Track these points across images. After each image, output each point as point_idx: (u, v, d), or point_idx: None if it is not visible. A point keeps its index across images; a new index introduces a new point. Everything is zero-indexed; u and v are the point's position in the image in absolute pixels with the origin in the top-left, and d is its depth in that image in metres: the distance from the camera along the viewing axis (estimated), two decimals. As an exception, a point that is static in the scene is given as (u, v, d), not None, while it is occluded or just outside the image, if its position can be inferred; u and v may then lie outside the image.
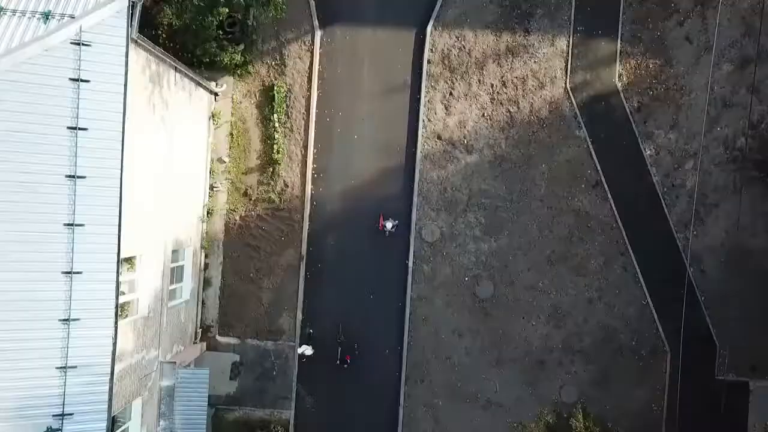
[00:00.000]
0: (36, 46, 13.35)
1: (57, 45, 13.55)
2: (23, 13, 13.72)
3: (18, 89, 13.26)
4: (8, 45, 13.28)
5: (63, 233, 13.68)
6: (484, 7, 21.92)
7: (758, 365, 21.98)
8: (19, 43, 13.33)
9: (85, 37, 13.76)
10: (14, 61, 13.18)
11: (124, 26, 14.22)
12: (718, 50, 21.79)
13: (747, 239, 21.94)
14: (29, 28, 13.60)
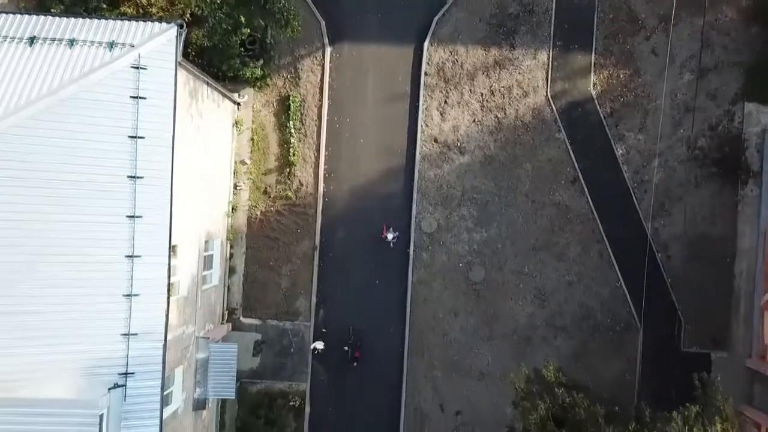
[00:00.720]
0: (104, 71, 16.22)
1: (120, 69, 16.41)
2: (92, 43, 16.61)
3: (89, 105, 16.11)
4: (81, 69, 16.16)
5: (126, 223, 16.50)
6: (474, 25, 24.86)
7: (718, 338, 24.91)
8: (90, 68, 16.20)
9: (143, 62, 16.64)
10: (87, 83, 16.04)
11: (173, 51, 17.10)
12: (680, 61, 24.77)
13: (707, 228, 24.88)
14: (98, 56, 16.48)
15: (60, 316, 15.77)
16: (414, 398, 25.04)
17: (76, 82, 16.02)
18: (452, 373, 24.95)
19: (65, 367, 15.77)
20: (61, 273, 15.80)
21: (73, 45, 16.67)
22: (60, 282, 15.76)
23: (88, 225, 16.21)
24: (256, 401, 24.98)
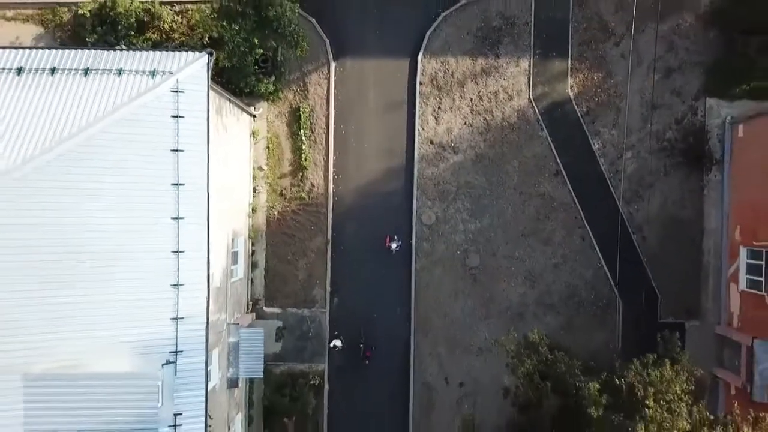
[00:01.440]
0: (148, 95, 19.16)
1: (162, 93, 19.35)
2: (137, 71, 19.54)
3: (137, 125, 19.04)
4: (130, 94, 19.09)
5: (171, 224, 19.41)
6: (462, 38, 27.80)
7: (690, 309, 27.84)
8: (137, 93, 19.15)
9: (181, 86, 19.56)
10: (134, 105, 18.98)
11: (205, 76, 20.01)
12: (647, 63, 27.70)
13: (677, 211, 27.84)
14: (143, 82, 19.42)
15: (121, 305, 18.67)
16: (421, 373, 27.95)
17: (126, 105, 18.99)
18: (454, 350, 27.88)
19: (126, 347, 18.69)
20: (119, 269, 18.73)
21: (121, 74, 19.62)
22: (119, 276, 18.68)
23: (141, 227, 19.13)
24: (280, 381, 27.87)
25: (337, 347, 27.27)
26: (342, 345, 27.28)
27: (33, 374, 17.74)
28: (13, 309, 17.54)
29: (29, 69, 19.64)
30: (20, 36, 28.09)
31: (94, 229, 18.34)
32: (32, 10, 28.06)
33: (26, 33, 28.08)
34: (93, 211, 18.46)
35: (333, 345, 27.30)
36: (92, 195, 18.49)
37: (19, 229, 17.60)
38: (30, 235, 17.71)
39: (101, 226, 18.43)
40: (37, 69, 19.66)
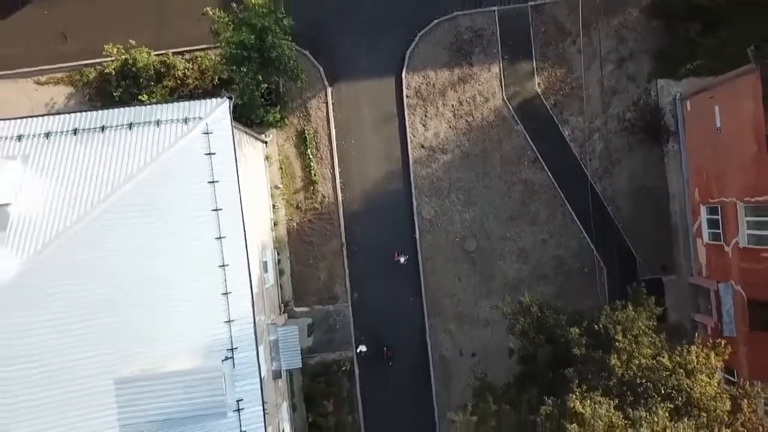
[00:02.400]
0: (184, 139, 23.05)
1: (195, 136, 23.24)
2: (172, 120, 23.44)
3: (178, 163, 22.90)
4: (169, 140, 23.01)
5: (216, 243, 23.32)
6: (438, 53, 31.71)
7: (666, 265, 31.75)
8: (175, 138, 23.06)
9: (209, 128, 23.46)
10: (174, 149, 22.87)
11: (228, 117, 23.91)
12: (602, 55, 31.61)
13: (643, 181, 31.73)
14: (178, 129, 23.31)
15: (185, 314, 22.58)
16: (437, 349, 31.85)
17: (168, 150, 22.92)
18: (464, 325, 31.79)
19: (194, 348, 22.60)
20: (180, 283, 22.66)
21: (159, 124, 23.53)
22: (181, 289, 22.59)
23: (192, 248, 23.00)
24: (315, 371, 31.76)
25: (363, 352, 31.16)
26: (367, 350, 31.18)
27: (122, 377, 21.70)
28: (102, 327, 21.50)
29: (83, 129, 23.58)
30: (54, 97, 32.04)
31: (159, 254, 22.26)
32: (62, 73, 31.98)
33: (59, 94, 32.02)
34: (154, 239, 22.38)
35: (359, 351, 31.22)
36: (152, 226, 22.41)
37: (103, 261, 21.56)
38: (113, 264, 21.68)
39: (164, 251, 22.35)
40: (90, 128, 23.59)
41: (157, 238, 22.66)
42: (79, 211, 22.09)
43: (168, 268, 22.67)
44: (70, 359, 21.48)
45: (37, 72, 32.04)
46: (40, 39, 32.01)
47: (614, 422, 17.97)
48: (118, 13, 31.57)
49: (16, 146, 23.64)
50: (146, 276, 22.42)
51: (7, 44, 31.92)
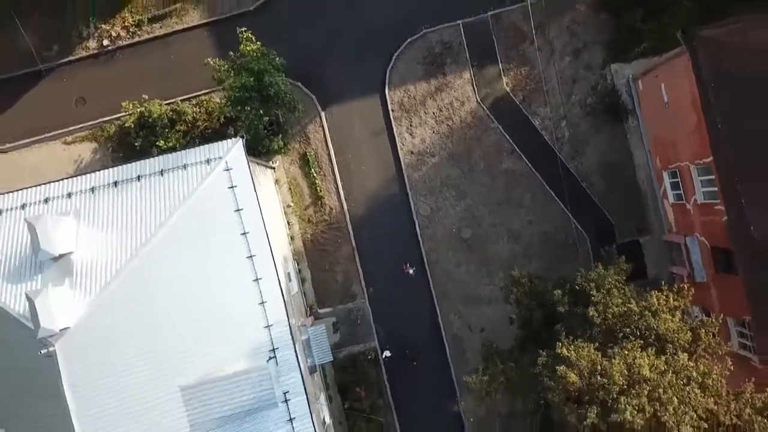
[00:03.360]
0: (210, 178, 27.01)
1: (218, 173, 27.20)
2: (197, 162, 27.38)
3: (207, 199, 26.84)
4: (198, 181, 26.96)
5: (248, 261, 27.26)
6: (414, 68, 35.65)
7: (640, 228, 35.68)
8: (202, 177, 27.02)
9: (229, 165, 27.43)
10: (202, 187, 26.82)
11: (243, 154, 27.87)
12: (559, 51, 35.53)
13: (611, 156, 35.61)
14: (202, 169, 27.26)
15: (232, 324, 26.56)
16: (450, 329, 35.75)
17: (197, 188, 26.89)
18: (470, 304, 35.72)
19: (244, 352, 26.56)
20: (223, 299, 26.64)
21: (186, 167, 27.49)
22: (226, 304, 26.58)
23: (229, 266, 26.97)
24: (344, 363, 35.69)
25: (387, 357, 34.98)
26: (392, 354, 35.06)
27: (186, 385, 25.69)
28: (163, 344, 25.49)
29: (122, 180, 27.58)
30: (81, 154, 36.04)
31: (202, 276, 26.27)
32: (85, 131, 35.96)
33: (85, 150, 36.01)
34: (196, 264, 26.37)
35: (384, 356, 35.07)
36: (193, 254, 26.40)
37: (156, 289, 25.57)
38: (165, 291, 25.70)
39: (205, 273, 26.35)
40: (127, 179, 27.59)
41: (198, 264, 26.67)
42: (130, 251, 26.09)
43: (211, 287, 26.67)
44: (140, 374, 25.50)
45: (63, 134, 36.02)
46: (62, 105, 35.99)
47: (594, 359, 21.89)
48: (128, 74, 35.55)
49: (67, 203, 27.62)
50: (193, 296, 26.43)
51: (33, 114, 35.90)
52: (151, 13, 35.69)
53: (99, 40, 35.95)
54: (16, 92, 35.83)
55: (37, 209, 27.29)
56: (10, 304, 25.34)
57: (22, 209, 27.57)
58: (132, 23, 35.63)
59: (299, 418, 27.31)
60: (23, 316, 24.92)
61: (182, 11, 35.72)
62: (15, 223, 27.20)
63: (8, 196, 27.81)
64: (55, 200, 27.62)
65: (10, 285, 25.88)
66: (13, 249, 26.55)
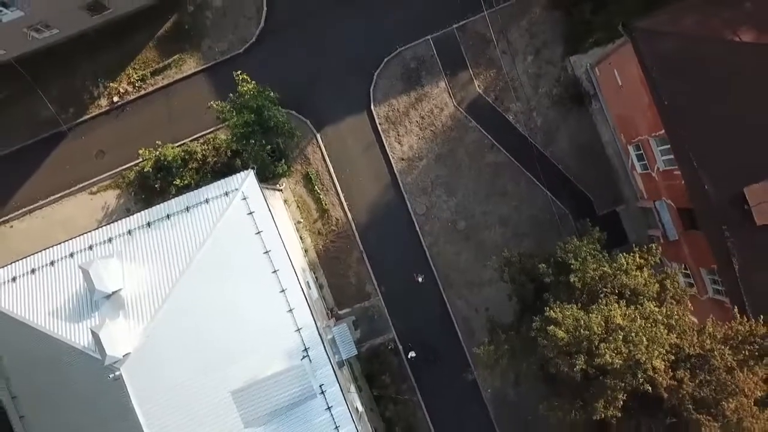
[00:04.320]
0: (231, 208, 30.95)
1: (237, 203, 31.13)
2: (217, 196, 31.30)
3: (231, 226, 30.77)
4: (220, 212, 30.87)
5: (273, 276, 31.15)
6: (394, 84, 39.52)
7: (616, 199, 39.57)
8: (223, 209, 30.94)
9: (245, 194, 31.35)
10: (225, 216, 30.76)
11: (256, 183, 31.78)
12: (521, 51, 39.42)
13: (581, 138, 39.48)
14: (223, 201, 31.19)
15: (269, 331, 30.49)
16: (458, 313, 39.61)
17: (221, 218, 30.81)
18: (473, 288, 39.60)
19: (281, 354, 30.51)
20: (257, 310, 30.59)
21: (208, 201, 31.42)
22: (260, 314, 30.51)
23: (258, 281, 30.91)
24: (368, 356, 39.57)
25: (412, 357, 38.81)
26: (416, 354, 38.85)
27: (236, 389, 29.60)
28: (212, 356, 29.41)
29: (154, 220, 31.49)
30: (107, 201, 39.92)
31: (235, 293, 30.21)
32: (108, 180, 39.85)
33: (110, 197, 39.90)
34: (229, 284, 30.30)
35: (409, 356, 38.90)
36: (225, 275, 30.32)
37: (199, 309, 29.48)
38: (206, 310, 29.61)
39: (238, 290, 30.29)
40: (158, 219, 31.50)
41: (231, 283, 30.64)
42: (171, 280, 30.02)
43: (245, 302, 30.65)
44: (196, 385, 29.45)
45: (88, 186, 39.90)
46: (84, 160, 39.85)
47: (577, 317, 25.71)
48: (139, 124, 39.46)
49: (109, 247, 31.57)
50: (231, 312, 30.41)
51: (59, 172, 39.79)
52: (153, 67, 39.54)
53: (109, 98, 39.86)
54: (41, 155, 39.72)
55: (84, 256, 31.22)
56: (76, 340, 29.26)
57: (71, 257, 31.50)
58: (137, 78, 39.52)
59: (335, 406, 31.31)
60: (89, 348, 28.84)
61: (180, 61, 39.61)
62: (67, 270, 31.16)
63: (57, 248, 31.76)
64: (98, 246, 31.56)
65: (72, 324, 29.83)
66: (70, 293, 30.51)
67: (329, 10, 39.32)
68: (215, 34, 39.85)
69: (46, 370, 30.43)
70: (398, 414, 39.20)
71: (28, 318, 30.18)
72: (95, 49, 39.76)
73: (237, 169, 36.95)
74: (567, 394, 26.30)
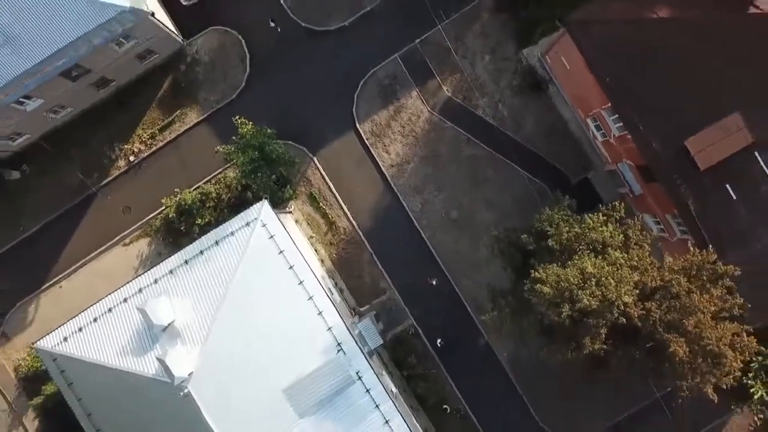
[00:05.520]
0: (254, 237, 35.97)
1: (258, 231, 36.12)
2: (240, 228, 36.30)
3: (257, 251, 35.77)
4: (246, 241, 35.87)
5: (300, 287, 36.11)
6: (373, 101, 44.51)
7: (585, 167, 44.53)
8: (248, 238, 35.94)
9: (264, 221, 36.34)
10: (251, 244, 35.77)
11: (271, 211, 36.78)
12: (479, 52, 44.37)
13: (545, 120, 44.33)
14: (246, 231, 36.20)
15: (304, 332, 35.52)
16: (467, 294, 44.48)
17: (247, 246, 35.82)
18: (475, 269, 44.49)
19: (318, 351, 35.54)
20: (291, 317, 35.62)
21: (233, 234, 36.43)
22: (294, 321, 35.52)
23: (288, 293, 35.90)
24: (392, 344, 44.52)
25: (441, 344, 43.82)
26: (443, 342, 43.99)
27: (286, 386, 34.59)
28: (260, 361, 34.42)
29: (190, 258, 36.48)
30: (140, 249, 44.89)
31: (269, 305, 35.20)
32: (138, 231, 44.84)
33: (142, 245, 44.88)
34: (263, 298, 35.33)
35: (439, 343, 43.85)
36: (258, 292, 35.35)
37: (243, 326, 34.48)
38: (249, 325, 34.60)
39: (271, 302, 35.29)
40: (194, 256, 36.50)
41: (265, 299, 35.68)
42: (214, 305, 35.00)
43: (280, 312, 35.70)
44: (252, 389, 34.45)
45: (120, 239, 44.88)
46: (113, 216, 44.85)
47: (557, 273, 30.65)
48: (157, 176, 44.46)
49: (156, 287, 36.54)
50: (269, 323, 35.46)
51: (92, 231, 44.79)
52: (159, 125, 44.55)
53: (126, 158, 44.88)
54: (76, 218, 44.74)
55: (137, 299, 36.22)
56: (145, 370, 34.25)
57: (125, 302, 36.50)
58: (147, 137, 44.55)
59: (373, 389, 36.34)
60: (158, 375, 33.82)
61: (182, 115, 44.64)
62: (124, 313, 36.18)
63: (112, 296, 36.81)
64: (147, 288, 36.57)
65: (138, 358, 34.86)
66: (131, 331, 35.53)
67: (304, 48, 44.39)
68: (208, 86, 44.88)
69: (123, 401, 35.43)
70: (429, 390, 44.10)
71: (100, 359, 35.18)
72: (106, 118, 44.78)
73: (249, 200, 42.02)
74: (562, 339, 31.26)
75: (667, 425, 42.04)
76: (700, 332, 28.83)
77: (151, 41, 41.18)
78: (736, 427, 44.32)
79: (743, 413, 43.19)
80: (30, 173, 44.93)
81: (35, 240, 44.79)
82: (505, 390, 44.67)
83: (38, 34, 34.79)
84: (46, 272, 44.89)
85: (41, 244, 44.69)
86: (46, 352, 36.47)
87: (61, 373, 36.49)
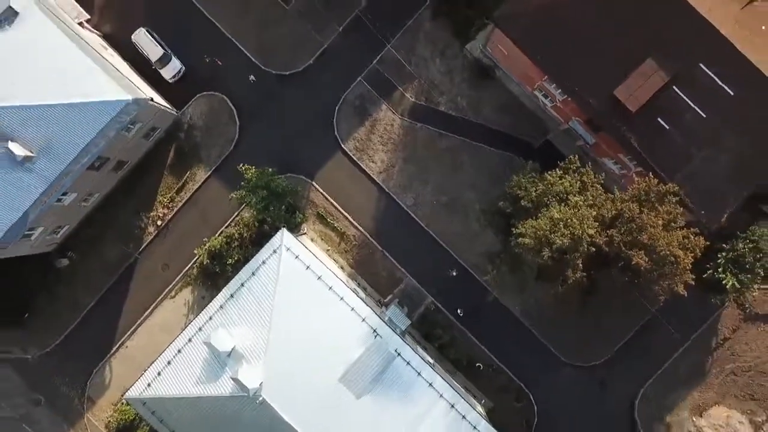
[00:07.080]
0: (283, 260, 42.45)
1: (285, 255, 42.57)
2: (269, 256, 42.79)
3: (288, 270, 42.24)
4: (277, 265, 42.38)
5: (330, 291, 42.59)
6: (350, 121, 51.02)
7: (543, 129, 51.00)
8: (278, 262, 42.43)
9: (288, 246, 42.82)
10: (282, 267, 42.25)
11: (291, 236, 43.24)
12: (428, 57, 50.91)
13: (498, 100, 50.92)
14: (275, 258, 42.67)
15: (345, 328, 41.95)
16: (471, 263, 50.88)
17: (279, 269, 42.30)
18: (472, 241, 50.80)
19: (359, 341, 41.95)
20: (328, 318, 42.21)
21: (265, 262, 42.90)
22: (332, 320, 42.06)
23: (321, 300, 42.35)
24: (419, 323, 50.88)
25: (461, 313, 50.34)
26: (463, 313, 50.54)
27: (341, 376, 41.04)
28: (314, 360, 40.91)
29: (235, 291, 42.93)
30: (185, 297, 51.39)
31: (309, 313, 41.67)
32: (180, 283, 51.32)
33: (186, 294, 51.35)
34: (303, 308, 41.81)
35: (459, 312, 50.34)
36: (298, 307, 41.83)
37: (293, 337, 40.97)
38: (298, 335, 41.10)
39: (311, 311, 41.76)
40: (237, 288, 42.93)
41: (304, 308, 42.09)
42: (266, 325, 41.46)
43: (319, 317, 42.08)
44: (315, 384, 40.88)
45: (166, 293, 51.36)
46: (154, 276, 51.34)
47: (534, 225, 37.13)
48: (184, 232, 50.97)
49: (212, 323, 42.97)
50: (313, 326, 41.82)
51: (140, 291, 51.28)
52: (175, 188, 51.05)
53: (153, 224, 51.37)
54: (124, 286, 51.24)
55: (200, 336, 42.63)
56: (222, 391, 40.70)
57: (191, 342, 42.95)
58: (167, 201, 51.06)
59: (412, 360, 42.85)
60: (234, 391, 40.24)
61: (192, 175, 51.18)
62: (192, 350, 42.57)
63: (178, 339, 43.23)
64: (205, 325, 43.01)
65: (212, 383, 41.25)
66: (201, 363, 41.92)
67: (280, 91, 51.00)
68: (208, 145, 51.41)
69: (208, 423, 41.83)
70: (460, 353, 50.58)
71: (182, 393, 41.60)
72: (126, 194, 51.24)
73: (267, 233, 48.44)
74: (551, 277, 37.80)
75: (669, 335, 48.61)
76: (654, 242, 35.32)
77: (152, 121, 47.70)
78: (728, 318, 50.84)
79: (731, 305, 49.64)
80: (76, 258, 51.37)
81: (95, 313, 51.23)
82: (526, 338, 51.04)
83: (64, 140, 41.30)
84: (111, 338, 51.34)
85: (101, 315, 51.16)
86: (136, 399, 42.89)
87: (153, 414, 42.88)
